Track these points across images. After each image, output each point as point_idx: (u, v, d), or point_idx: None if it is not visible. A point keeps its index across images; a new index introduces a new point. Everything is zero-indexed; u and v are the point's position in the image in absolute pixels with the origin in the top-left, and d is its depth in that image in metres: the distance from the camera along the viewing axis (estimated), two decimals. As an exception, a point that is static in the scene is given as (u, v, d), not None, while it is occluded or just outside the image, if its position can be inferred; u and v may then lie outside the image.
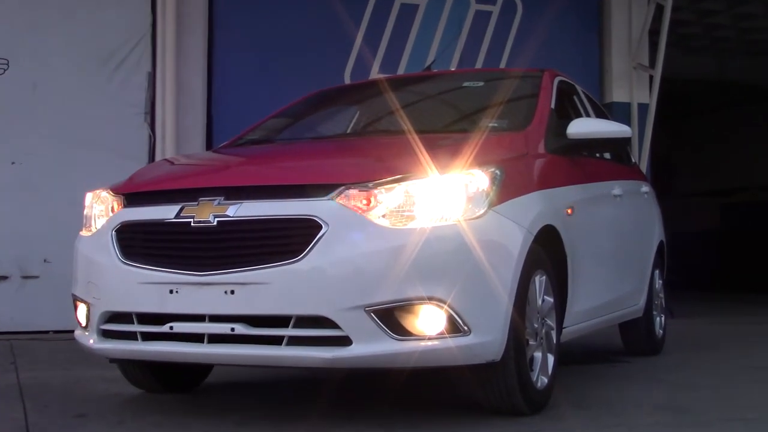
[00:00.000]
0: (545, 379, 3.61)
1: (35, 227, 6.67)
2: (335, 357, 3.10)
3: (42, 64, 6.83)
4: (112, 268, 3.44)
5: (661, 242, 5.75)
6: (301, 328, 3.12)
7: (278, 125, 4.86)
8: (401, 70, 7.72)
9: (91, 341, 3.56)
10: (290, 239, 3.15)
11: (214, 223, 3.24)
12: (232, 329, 3.19)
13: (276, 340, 3.15)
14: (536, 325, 3.55)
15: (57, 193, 6.64)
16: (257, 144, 4.52)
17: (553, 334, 3.72)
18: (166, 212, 3.37)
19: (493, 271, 3.20)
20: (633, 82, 8.51)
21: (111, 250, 3.46)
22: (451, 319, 3.12)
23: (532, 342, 3.51)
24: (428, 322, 3.12)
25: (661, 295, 5.80)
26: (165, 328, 3.31)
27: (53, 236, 6.47)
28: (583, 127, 4.20)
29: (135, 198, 3.60)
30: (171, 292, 3.27)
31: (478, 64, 7.99)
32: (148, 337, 3.39)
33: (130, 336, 3.44)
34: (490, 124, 4.11)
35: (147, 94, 7.03)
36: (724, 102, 14.30)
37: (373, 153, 3.82)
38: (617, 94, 8.50)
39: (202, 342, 3.26)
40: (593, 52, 8.56)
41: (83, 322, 3.65)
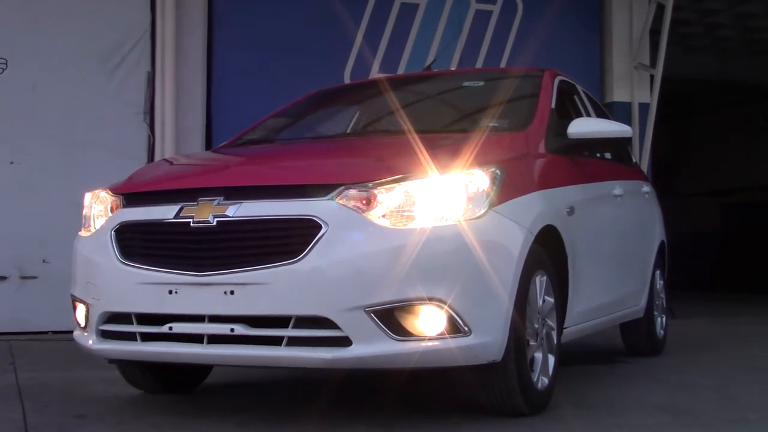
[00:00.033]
0: (546, 380, 3.60)
1: (34, 227, 6.66)
2: (335, 357, 3.09)
3: (41, 64, 6.81)
4: (111, 269, 3.43)
5: (662, 242, 5.74)
6: (300, 328, 3.12)
7: (278, 125, 4.85)
8: (401, 70, 7.71)
9: (90, 342, 3.56)
10: (290, 239, 3.14)
11: (214, 223, 3.23)
12: (232, 330, 3.18)
13: (275, 341, 3.15)
14: (537, 326, 3.54)
15: (56, 193, 6.63)
16: (257, 144, 4.51)
17: (554, 334, 3.71)
18: (166, 212, 3.36)
19: (494, 272, 3.19)
20: (634, 81, 8.50)
21: (110, 251, 3.45)
22: (452, 320, 3.11)
23: (532, 342, 3.50)
24: (428, 322, 3.11)
25: (662, 295, 5.79)
26: (164, 329, 3.30)
27: (52, 236, 6.46)
28: (584, 126, 4.19)
29: (134, 198, 3.59)
30: (170, 292, 3.27)
31: (479, 64, 7.98)
32: (147, 337, 3.38)
33: (129, 336, 3.44)
34: (491, 124, 4.10)
35: (146, 94, 7.01)
36: (726, 102, 14.28)
37: (373, 153, 3.81)
38: (618, 93, 8.48)
39: (202, 342, 3.25)
40: (594, 51, 8.54)
41: (82, 323, 3.65)
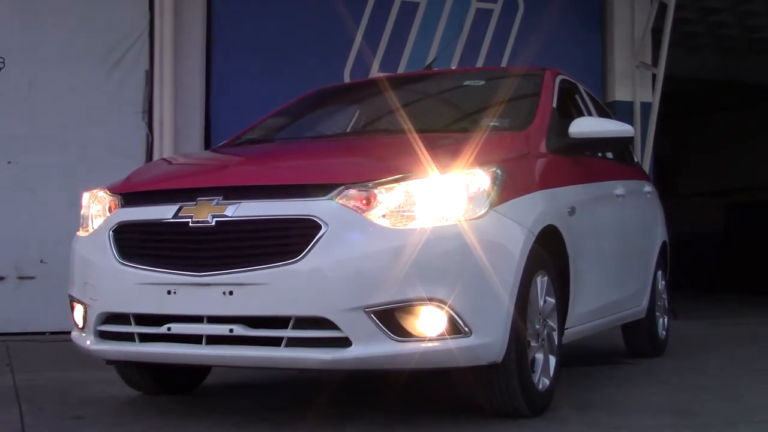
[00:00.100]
0: (547, 381, 3.59)
1: (31, 227, 6.64)
2: (335, 358, 3.08)
3: (38, 62, 6.79)
4: (109, 269, 3.42)
5: (663, 243, 5.73)
6: (300, 329, 3.11)
7: (277, 124, 4.84)
8: (401, 69, 7.69)
9: (88, 342, 3.55)
10: (289, 239, 3.13)
11: (213, 223, 3.22)
12: (231, 330, 3.17)
13: (275, 342, 3.14)
14: (538, 327, 3.53)
15: (54, 192, 6.61)
16: (256, 143, 4.50)
17: (555, 335, 3.70)
18: (164, 212, 3.35)
19: (495, 272, 3.18)
20: (636, 80, 8.48)
21: (108, 251, 3.44)
22: (452, 320, 3.10)
23: (533, 343, 3.49)
24: (429, 323, 3.10)
25: (664, 296, 5.78)
26: (163, 329, 3.29)
27: (50, 236, 6.44)
28: (585, 126, 4.18)
29: (132, 198, 3.58)
30: (169, 292, 3.25)
31: (479, 63, 7.96)
32: (145, 338, 3.37)
33: (127, 337, 3.42)
34: (491, 124, 4.09)
35: (145, 93, 6.99)
36: (728, 101, 14.24)
37: (373, 152, 3.80)
38: (620, 93, 8.46)
39: (201, 343, 3.24)
40: (595, 50, 8.53)
41: (80, 324, 3.64)
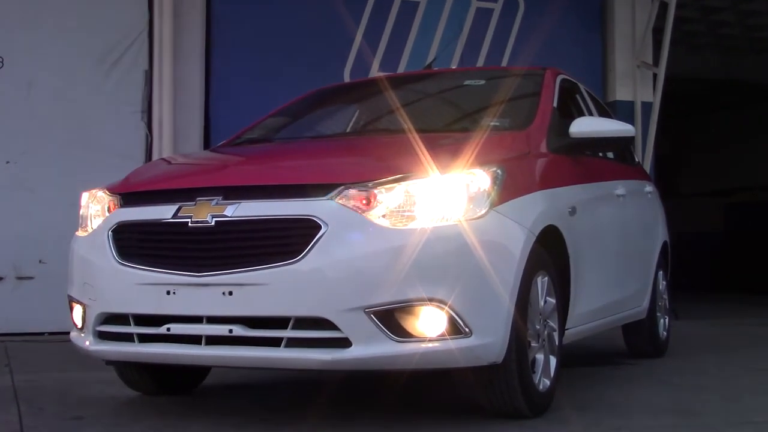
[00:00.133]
0: (547, 382, 3.58)
1: (30, 227, 6.63)
2: (334, 359, 3.07)
3: (37, 62, 6.78)
4: (108, 269, 3.41)
5: (664, 243, 5.72)
6: (300, 329, 3.10)
7: (277, 124, 4.84)
8: (401, 69, 7.68)
9: (87, 343, 3.54)
10: (289, 239, 3.12)
11: (212, 223, 3.21)
12: (230, 331, 3.16)
13: (274, 342, 3.13)
14: (538, 327, 3.52)
15: (52, 192, 6.60)
16: (255, 143, 4.49)
17: (556, 335, 3.70)
18: (163, 212, 3.34)
19: (495, 272, 3.17)
20: (636, 80, 8.46)
21: (107, 251, 3.43)
22: (452, 321, 3.09)
23: (534, 344, 3.48)
24: (429, 323, 3.09)
25: (665, 296, 5.76)
26: (162, 330, 3.28)
27: (48, 236, 6.43)
28: (586, 126, 4.17)
29: (131, 198, 3.57)
30: (168, 293, 3.24)
31: (480, 63, 7.95)
32: (144, 338, 3.36)
33: (126, 338, 3.41)
34: (492, 123, 4.09)
35: (144, 93, 6.98)
36: (729, 100, 14.21)
37: (373, 152, 3.79)
38: (620, 92, 8.45)
39: (200, 344, 3.23)
40: (596, 49, 8.51)
41: (79, 324, 3.63)
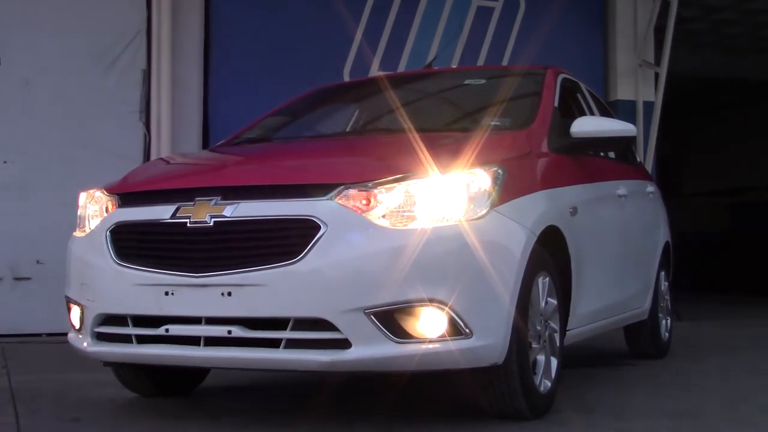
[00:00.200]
0: (548, 383, 3.58)
1: (28, 228, 6.61)
2: (334, 360, 3.06)
3: (35, 61, 6.76)
4: (106, 270, 3.40)
5: (666, 243, 5.71)
6: (299, 330, 3.09)
7: (276, 124, 4.83)
8: (402, 68, 7.67)
9: (85, 344, 3.53)
10: (288, 240, 3.11)
11: (211, 223, 3.20)
12: (229, 332, 3.15)
13: (274, 343, 3.12)
14: (539, 328, 3.52)
15: (50, 192, 6.58)
16: (254, 143, 4.49)
17: (557, 336, 3.69)
18: (162, 212, 3.33)
19: (496, 273, 3.16)
20: (638, 79, 8.45)
21: (105, 251, 3.42)
22: (453, 322, 3.08)
23: (535, 345, 3.47)
24: (429, 324, 3.08)
25: (667, 297, 5.75)
26: (160, 331, 3.27)
27: (46, 237, 6.41)
28: (587, 125, 4.17)
29: (130, 198, 3.56)
30: (167, 293, 3.23)
31: (480, 62, 7.94)
32: (143, 339, 3.35)
33: (124, 339, 3.41)
34: (492, 123, 4.07)
35: (142, 92, 6.97)
36: (732, 100, 14.19)
37: (373, 152, 3.78)
38: (622, 91, 8.43)
39: (199, 345, 3.22)
40: (597, 48, 8.51)
41: (77, 325, 3.62)
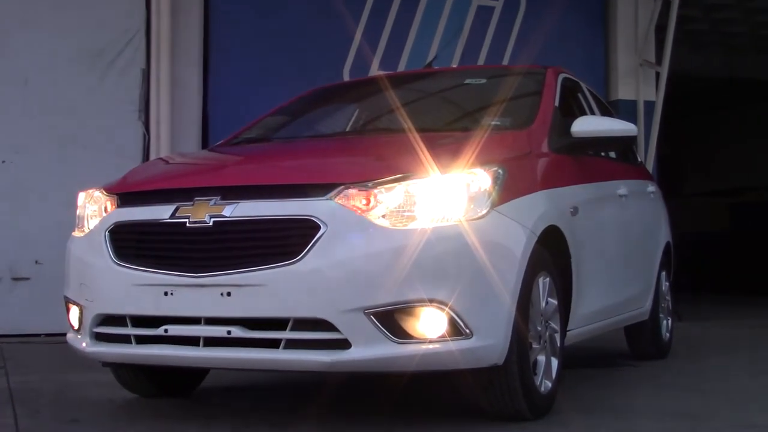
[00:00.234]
0: (549, 384, 3.57)
1: (26, 228, 6.60)
2: (334, 361, 3.06)
3: (33, 60, 6.75)
4: (105, 270, 3.39)
5: (667, 243, 5.70)
6: (298, 330, 3.08)
7: (275, 123, 4.82)
8: (402, 67, 7.66)
9: (84, 344, 3.52)
10: (288, 240, 3.11)
11: (210, 223, 3.19)
12: (229, 332, 3.14)
13: (273, 343, 3.11)
14: (540, 328, 3.51)
15: (49, 192, 6.57)
16: (254, 142, 4.48)
17: (557, 337, 3.68)
18: (161, 212, 3.32)
19: (496, 273, 3.15)
20: (639, 79, 8.44)
21: (104, 251, 3.41)
22: (453, 322, 3.07)
23: (535, 345, 3.46)
24: (429, 324, 3.07)
25: (668, 297, 5.74)
26: (159, 331, 3.27)
27: (45, 237, 6.39)
28: (588, 125, 4.16)
29: (129, 198, 3.55)
30: (166, 294, 3.23)
31: (481, 61, 7.93)
32: (142, 340, 3.35)
33: (123, 339, 3.40)
34: (493, 122, 4.07)
35: (141, 91, 6.96)
36: (734, 99, 14.17)
37: (373, 152, 3.78)
38: (623, 91, 8.43)
39: (198, 345, 3.21)
40: (598, 48, 8.50)
41: (75, 325, 3.61)
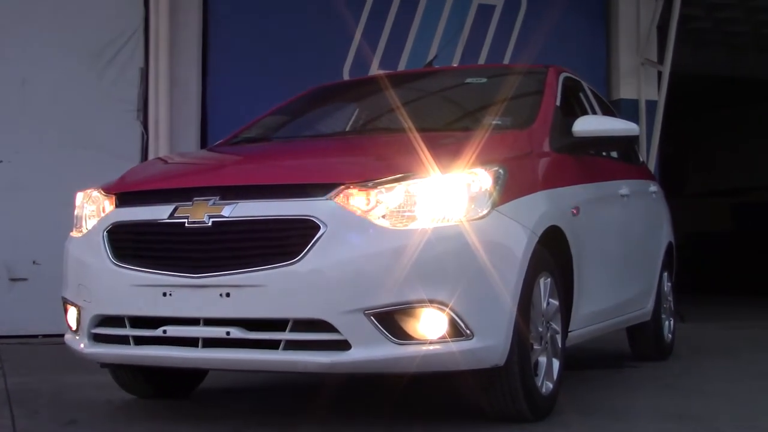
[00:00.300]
0: (550, 385, 3.56)
1: (24, 228, 6.59)
2: (334, 362, 3.05)
3: (31, 59, 6.74)
4: (103, 270, 3.38)
5: (669, 243, 5.69)
6: (298, 331, 3.07)
7: (275, 123, 4.81)
8: (402, 66, 7.65)
9: (82, 346, 3.51)
10: (287, 240, 3.10)
11: (209, 223, 3.18)
12: (228, 333, 3.13)
13: (272, 345, 3.10)
14: (541, 329, 3.50)
15: (46, 192, 6.55)
16: (253, 142, 4.47)
17: (558, 338, 3.67)
18: (160, 212, 3.31)
19: (497, 273, 3.14)
20: (641, 78, 8.44)
21: (102, 252, 3.40)
22: (453, 323, 3.06)
23: (536, 346, 3.45)
24: (430, 325, 3.06)
25: (670, 298, 5.73)
26: (158, 332, 3.26)
27: (42, 237, 6.36)
28: (589, 124, 4.15)
29: (127, 198, 3.54)
30: (164, 294, 3.22)
31: (481, 60, 7.93)
32: (140, 341, 3.33)
33: (122, 340, 3.39)
34: (494, 122, 4.06)
35: (139, 91, 6.96)
36: (736, 99, 14.16)
37: (373, 151, 3.77)
38: (624, 90, 8.42)
39: (197, 346, 3.20)
40: (600, 47, 8.50)
41: (73, 326, 3.61)
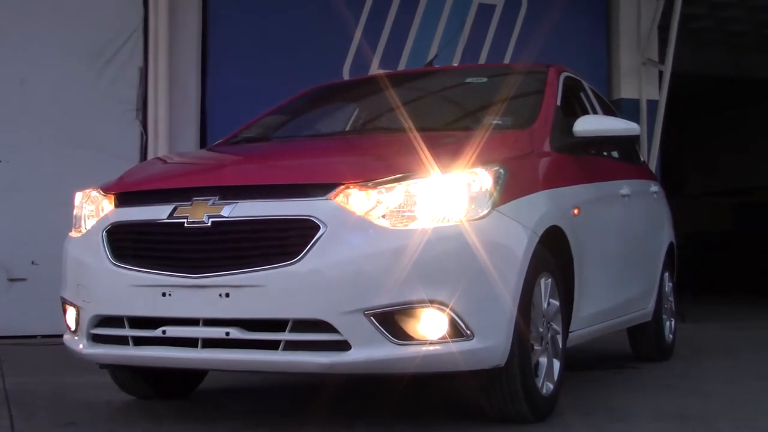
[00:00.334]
0: (551, 385, 3.55)
1: (23, 228, 6.58)
2: (333, 362, 3.04)
3: (30, 59, 6.74)
4: (102, 271, 3.38)
5: (670, 244, 5.69)
6: (298, 332, 3.07)
7: (275, 122, 4.81)
8: (402, 66, 7.64)
9: (81, 346, 3.50)
10: (287, 240, 3.09)
11: (209, 223, 3.18)
12: (227, 333, 3.12)
13: (272, 345, 3.10)
14: (541, 330, 3.49)
15: (45, 192, 6.54)
16: (253, 142, 4.47)
17: (559, 338, 3.67)
18: (159, 212, 3.31)
19: (497, 274, 3.14)
20: (642, 78, 8.44)
21: (101, 252, 3.40)
22: (454, 323, 3.06)
23: (537, 347, 3.45)
24: (430, 326, 3.06)
25: (671, 298, 5.72)
26: (157, 333, 3.25)
27: (41, 237, 6.36)
28: (590, 124, 4.15)
29: (126, 198, 3.54)
30: (164, 294, 3.21)
31: (482, 60, 7.92)
32: (139, 341, 3.33)
33: (121, 340, 3.38)
34: (494, 122, 4.06)
35: (139, 91, 6.96)
36: (738, 99, 14.15)
37: (373, 151, 3.77)
38: (626, 90, 8.42)
39: (196, 347, 3.19)
40: (601, 46, 8.50)
41: (72, 327, 3.60)
